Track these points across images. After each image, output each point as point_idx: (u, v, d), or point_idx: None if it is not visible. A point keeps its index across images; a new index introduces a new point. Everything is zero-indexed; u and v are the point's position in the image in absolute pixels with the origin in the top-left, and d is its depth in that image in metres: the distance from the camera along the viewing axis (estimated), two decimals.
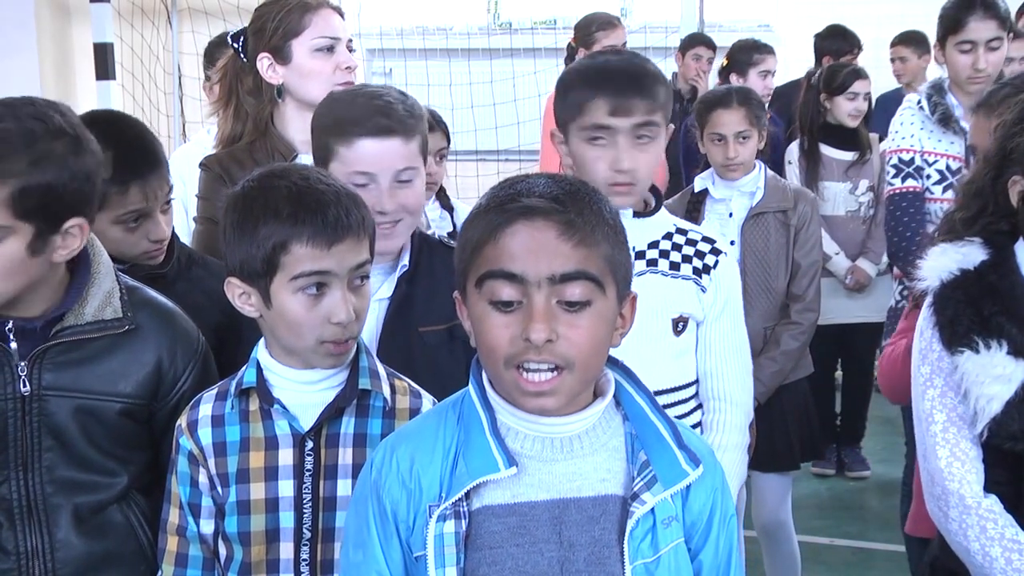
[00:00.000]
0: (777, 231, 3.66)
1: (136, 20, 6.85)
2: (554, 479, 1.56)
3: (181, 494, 1.89)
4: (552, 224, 1.49)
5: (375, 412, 1.88)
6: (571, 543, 1.55)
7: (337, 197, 1.83)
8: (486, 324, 1.52)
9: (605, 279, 1.51)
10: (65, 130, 1.86)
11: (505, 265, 1.49)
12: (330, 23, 2.86)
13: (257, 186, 1.86)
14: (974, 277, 1.97)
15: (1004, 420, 1.90)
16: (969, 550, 1.95)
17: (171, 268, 2.37)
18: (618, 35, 5.40)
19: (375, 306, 2.20)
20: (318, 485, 1.85)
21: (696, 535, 1.63)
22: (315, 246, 1.79)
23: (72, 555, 1.99)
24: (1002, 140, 2.01)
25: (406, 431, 1.68)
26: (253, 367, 1.89)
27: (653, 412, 1.60)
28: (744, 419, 2.48)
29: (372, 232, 1.89)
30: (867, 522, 4.83)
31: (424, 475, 1.57)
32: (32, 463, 1.95)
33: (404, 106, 2.25)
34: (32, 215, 1.83)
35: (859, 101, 4.91)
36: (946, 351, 1.96)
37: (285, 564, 1.84)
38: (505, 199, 1.53)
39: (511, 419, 1.57)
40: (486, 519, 1.55)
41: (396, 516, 1.58)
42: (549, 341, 1.48)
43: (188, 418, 1.90)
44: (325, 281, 1.82)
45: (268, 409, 1.86)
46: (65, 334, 1.94)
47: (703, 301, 2.39)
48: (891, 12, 6.83)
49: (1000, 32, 3.66)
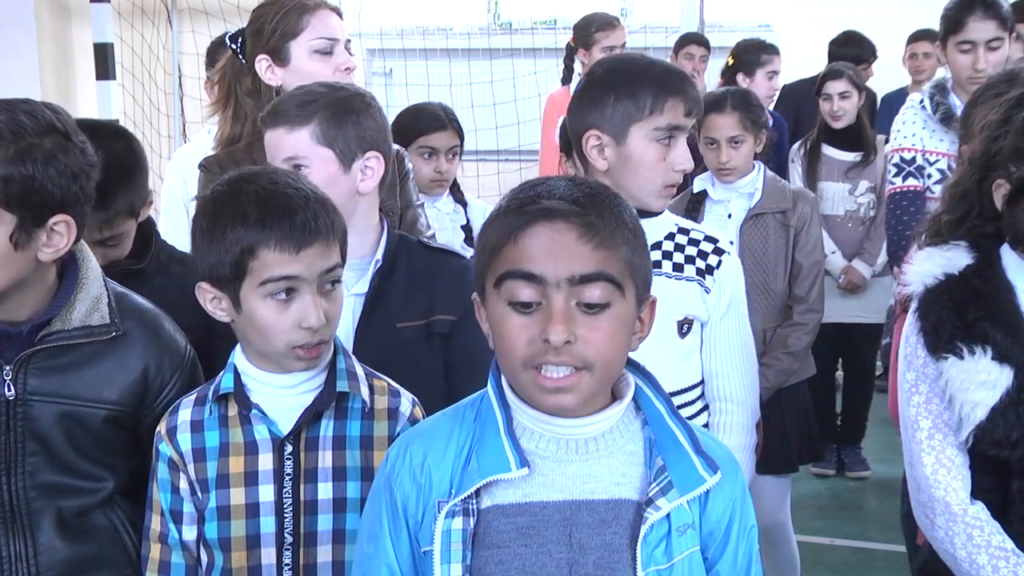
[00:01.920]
0: (776, 232, 3.66)
1: (136, 20, 6.84)
2: (567, 480, 1.56)
3: (162, 501, 1.89)
4: (572, 226, 1.49)
5: (354, 414, 1.88)
6: (581, 546, 1.54)
7: (306, 201, 1.82)
8: (505, 325, 1.52)
9: (624, 281, 1.51)
10: (55, 127, 1.86)
11: (524, 266, 1.49)
12: (328, 24, 2.85)
13: (226, 191, 1.85)
14: (959, 282, 1.95)
15: (989, 427, 1.89)
16: (956, 557, 1.94)
17: (148, 264, 2.37)
18: (617, 36, 5.40)
19: (350, 301, 2.20)
20: (299, 489, 1.84)
21: (713, 545, 1.61)
22: (283, 251, 1.79)
23: (56, 559, 1.98)
24: (987, 142, 1.99)
25: (423, 427, 1.69)
26: (231, 372, 1.88)
27: (671, 417, 1.60)
28: (750, 419, 2.49)
29: (343, 236, 1.88)
30: (867, 522, 4.82)
31: (435, 471, 1.58)
32: (15, 468, 1.95)
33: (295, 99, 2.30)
34: (14, 205, 1.82)
35: (834, 102, 4.91)
36: (931, 357, 1.95)
37: (268, 569, 1.84)
38: (525, 200, 1.53)
39: (527, 419, 1.57)
40: (495, 518, 1.55)
41: (406, 510, 1.59)
42: (568, 343, 1.48)
43: (167, 424, 1.90)
44: (294, 286, 1.81)
45: (247, 414, 1.86)
46: (51, 339, 1.93)
47: (707, 302, 2.40)
48: (891, 12, 6.81)
49: (1000, 32, 3.65)
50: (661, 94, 2.31)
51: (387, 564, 1.60)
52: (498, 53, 7.20)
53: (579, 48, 5.47)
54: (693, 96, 2.35)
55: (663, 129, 2.32)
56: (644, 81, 2.34)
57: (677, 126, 2.33)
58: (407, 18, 7.63)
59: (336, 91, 2.30)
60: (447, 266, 2.31)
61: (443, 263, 2.30)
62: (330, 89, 2.31)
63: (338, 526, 1.83)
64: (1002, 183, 1.95)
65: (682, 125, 2.34)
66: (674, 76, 2.36)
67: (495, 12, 7.87)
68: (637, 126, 2.32)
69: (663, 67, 2.40)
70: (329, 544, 1.84)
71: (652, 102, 2.31)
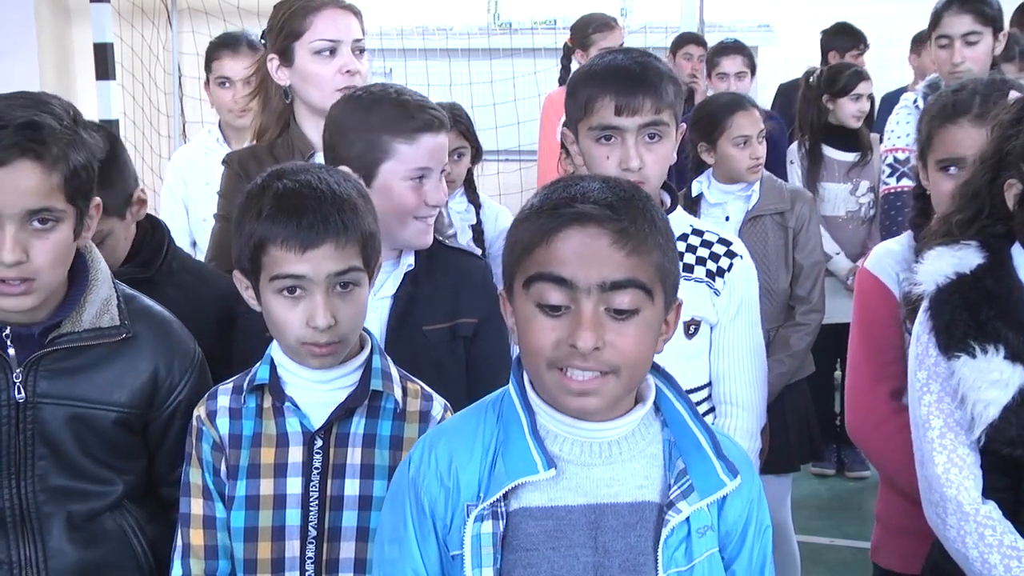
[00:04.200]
0: (775, 233, 3.67)
1: (136, 20, 6.83)
2: (592, 484, 1.56)
3: (208, 481, 1.89)
4: (605, 232, 1.49)
5: (386, 414, 1.89)
6: (607, 549, 1.55)
7: (319, 202, 1.81)
8: (532, 326, 1.51)
9: (655, 287, 1.51)
10: (73, 115, 1.90)
11: (555, 269, 1.49)
12: (333, 24, 2.82)
13: (261, 183, 1.88)
14: (970, 281, 1.95)
15: (1001, 425, 1.88)
16: (968, 557, 1.94)
17: (158, 272, 2.34)
18: (615, 36, 5.39)
19: (379, 303, 2.22)
20: (325, 484, 1.85)
21: (730, 545, 1.62)
22: (288, 250, 1.80)
23: (65, 563, 1.98)
24: (999, 142, 1.99)
25: (445, 428, 1.69)
26: (267, 364, 1.90)
27: (692, 420, 1.60)
28: (756, 424, 2.49)
29: (365, 238, 1.86)
30: (867, 522, 4.76)
31: (463, 473, 1.58)
32: (25, 471, 1.94)
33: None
34: (75, 197, 1.87)
35: (863, 102, 4.91)
36: (942, 356, 1.95)
37: (291, 562, 1.85)
38: (560, 202, 1.52)
39: (551, 422, 1.57)
40: (523, 521, 1.55)
41: (434, 514, 1.58)
42: (596, 349, 1.48)
43: (207, 408, 1.91)
44: (300, 285, 1.81)
45: (280, 406, 1.87)
46: (62, 341, 1.93)
47: (716, 304, 2.39)
48: (891, 12, 6.82)
49: (977, 27, 3.67)
50: (593, 92, 2.28)
51: (414, 569, 1.60)
52: (498, 53, 7.19)
53: (576, 49, 5.46)
54: (632, 93, 2.24)
55: (596, 128, 2.28)
56: (584, 80, 2.32)
57: (609, 125, 2.26)
58: (407, 18, 7.63)
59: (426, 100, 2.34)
60: (469, 269, 2.32)
61: (465, 265, 2.31)
62: (422, 98, 2.33)
63: (363, 523, 1.84)
64: (1014, 183, 1.95)
65: (615, 125, 2.26)
66: (612, 74, 2.28)
67: (495, 12, 7.86)
68: (581, 125, 2.32)
69: (610, 65, 2.31)
70: (353, 541, 1.84)
71: (587, 101, 2.29)
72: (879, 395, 2.35)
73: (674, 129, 2.31)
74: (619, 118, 2.25)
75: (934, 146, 2.34)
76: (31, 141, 1.79)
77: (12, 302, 1.85)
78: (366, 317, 1.92)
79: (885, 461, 2.38)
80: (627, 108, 2.24)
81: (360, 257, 1.85)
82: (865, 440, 2.46)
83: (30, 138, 1.79)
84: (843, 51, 6.05)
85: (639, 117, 2.25)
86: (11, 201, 1.79)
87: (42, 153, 1.80)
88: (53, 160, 1.81)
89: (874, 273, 2.40)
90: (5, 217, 1.80)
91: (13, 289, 1.84)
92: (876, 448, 2.40)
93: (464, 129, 3.79)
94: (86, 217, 1.91)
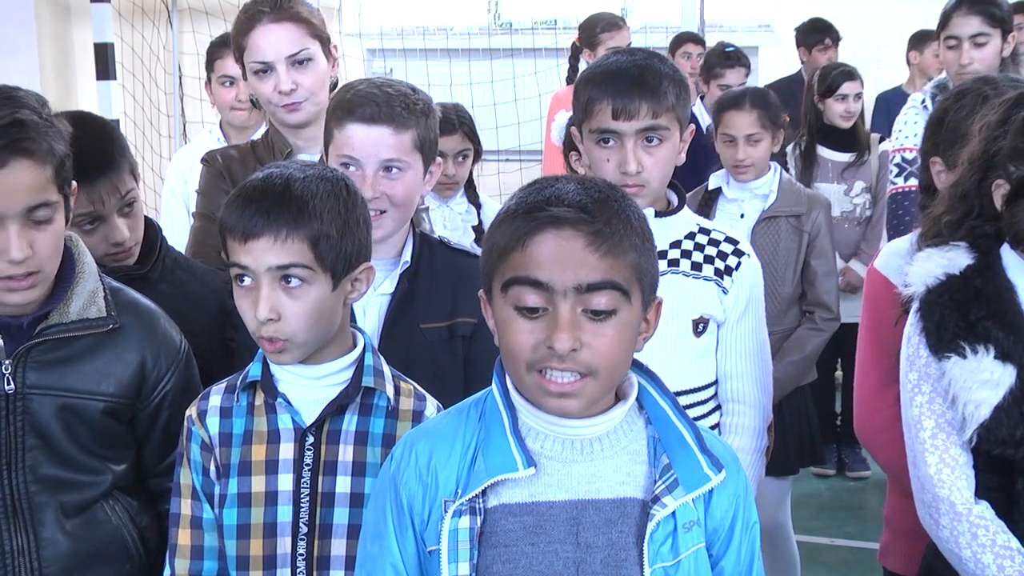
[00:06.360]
0: (788, 236, 3.66)
1: (136, 20, 6.84)
2: (572, 480, 1.57)
3: (196, 482, 1.89)
4: (580, 234, 1.49)
5: (378, 411, 1.89)
6: (588, 544, 1.55)
7: (266, 195, 1.80)
8: (510, 328, 1.53)
9: (631, 287, 1.52)
10: (43, 104, 1.93)
11: (532, 272, 1.50)
12: (265, 43, 2.75)
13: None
14: (960, 282, 1.95)
15: (993, 425, 1.89)
16: (961, 557, 1.94)
17: (152, 270, 2.36)
18: (623, 36, 5.40)
19: (377, 301, 2.22)
20: (316, 480, 1.85)
21: (718, 541, 1.63)
22: (233, 239, 1.81)
23: (58, 553, 2.00)
24: (986, 142, 1.99)
25: (427, 427, 1.70)
26: (259, 361, 1.90)
27: (676, 416, 1.61)
28: (762, 422, 2.49)
29: (319, 237, 1.80)
30: (867, 522, 4.82)
31: (441, 470, 1.59)
32: (16, 462, 1.96)
33: (405, 99, 2.22)
34: (63, 186, 1.91)
35: (849, 102, 4.89)
36: (933, 357, 1.95)
37: (282, 559, 1.85)
38: (534, 206, 1.53)
39: (532, 419, 1.58)
40: (502, 517, 1.56)
41: (412, 509, 1.59)
42: (573, 350, 1.48)
43: (198, 408, 1.91)
44: (247, 275, 1.81)
45: (272, 403, 1.87)
46: (50, 332, 1.96)
47: (724, 303, 2.39)
48: (891, 12, 6.82)
49: (986, 28, 3.67)
50: (593, 95, 2.28)
51: (392, 564, 1.61)
52: (498, 53, 7.19)
53: (584, 48, 5.47)
54: (630, 96, 2.23)
55: (595, 131, 2.28)
56: (586, 82, 2.32)
57: (607, 129, 2.26)
58: (407, 18, 7.62)
59: (417, 94, 2.27)
60: (469, 268, 2.32)
61: (465, 265, 2.31)
62: (411, 91, 2.27)
63: (354, 520, 1.83)
64: (1002, 183, 1.95)
65: (612, 128, 2.25)
66: (610, 77, 2.27)
67: (495, 12, 7.86)
68: (584, 127, 2.32)
69: (609, 67, 2.30)
70: (344, 538, 1.84)
71: (587, 104, 2.29)
72: (887, 396, 2.32)
73: (677, 131, 2.30)
74: (616, 122, 2.25)
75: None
76: (21, 139, 1.82)
77: (19, 296, 1.90)
78: (363, 315, 1.91)
79: (893, 463, 2.37)
80: (624, 112, 2.24)
81: (311, 255, 1.80)
82: (873, 441, 2.44)
83: (19, 136, 1.82)
84: (810, 47, 6.08)
85: (636, 122, 2.24)
86: (11, 201, 1.84)
87: (33, 150, 1.84)
88: (44, 155, 1.85)
89: (883, 273, 2.38)
90: (8, 217, 1.84)
91: (21, 284, 1.89)
92: (884, 450, 2.38)
93: (468, 130, 3.79)
94: (66, 204, 1.95)
